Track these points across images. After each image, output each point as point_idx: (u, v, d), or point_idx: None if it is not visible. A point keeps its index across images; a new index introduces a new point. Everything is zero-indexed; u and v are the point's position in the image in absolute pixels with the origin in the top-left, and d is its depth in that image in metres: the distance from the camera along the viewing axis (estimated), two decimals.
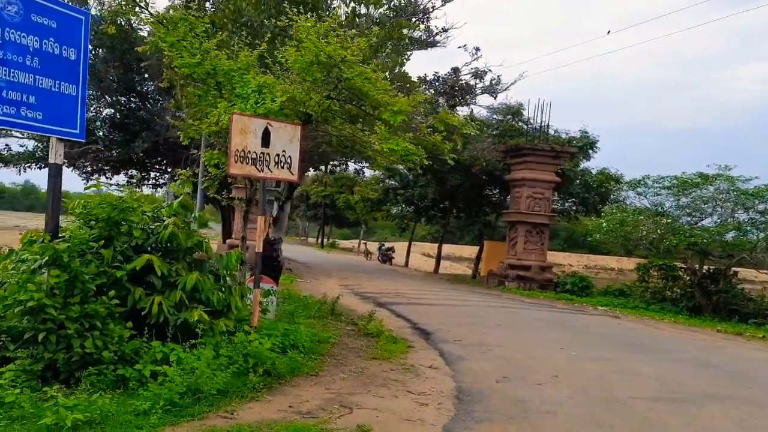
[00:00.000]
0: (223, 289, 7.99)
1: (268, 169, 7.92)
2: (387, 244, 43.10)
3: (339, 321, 12.07)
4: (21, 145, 26.12)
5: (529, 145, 26.16)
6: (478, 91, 29.44)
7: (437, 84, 28.71)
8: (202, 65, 8.61)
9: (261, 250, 8.28)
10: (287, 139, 8.07)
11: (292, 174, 8.16)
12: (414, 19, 27.39)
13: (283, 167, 8.06)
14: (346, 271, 27.98)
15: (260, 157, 7.83)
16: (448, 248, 59.00)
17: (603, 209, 25.50)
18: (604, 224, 21.57)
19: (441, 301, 17.83)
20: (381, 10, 26.58)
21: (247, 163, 7.73)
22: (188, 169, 19.47)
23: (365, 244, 47.18)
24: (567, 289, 24.62)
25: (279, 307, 12.17)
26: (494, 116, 30.89)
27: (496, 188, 32.37)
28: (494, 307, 17.48)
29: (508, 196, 28.84)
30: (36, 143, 26.69)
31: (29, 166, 26.55)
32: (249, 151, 7.71)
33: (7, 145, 26.00)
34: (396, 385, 7.50)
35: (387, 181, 40.53)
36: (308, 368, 7.82)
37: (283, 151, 8.03)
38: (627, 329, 15.02)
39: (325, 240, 58.80)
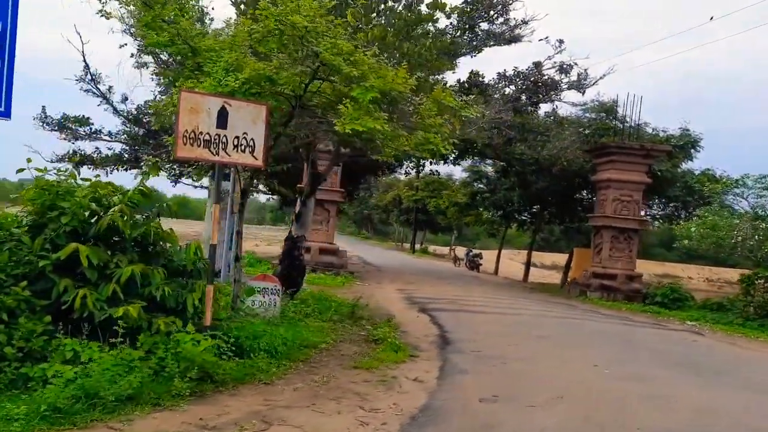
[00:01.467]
0: (187, 285, 7.34)
1: (225, 152, 7.14)
2: (475, 250, 41.54)
3: (356, 325, 11.17)
4: (109, 149, 27.14)
5: (615, 143, 24.00)
6: (564, 87, 27.57)
7: (518, 80, 27.13)
8: (175, 44, 8.02)
9: (214, 242, 7.45)
10: (249, 120, 7.27)
11: (256, 159, 7.36)
12: (492, 12, 26.13)
13: (244, 150, 7.26)
14: (419, 276, 26.94)
15: (215, 139, 7.06)
16: (545, 256, 56.57)
17: (696, 213, 22.91)
18: (693, 229, 19.24)
19: (497, 309, 16.45)
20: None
21: (199, 146, 6.97)
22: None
23: (454, 250, 45.81)
24: (656, 301, 22.27)
25: (295, 307, 11.48)
26: (586, 114, 28.81)
27: (588, 191, 30.22)
28: (555, 317, 15.89)
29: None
30: (123, 146, 27.70)
31: (117, 168, 27.55)
32: (201, 132, 6.96)
33: (97, 148, 27.13)
34: (352, 399, 6.52)
35: (475, 184, 39.21)
36: (265, 375, 6.99)
37: (245, 133, 7.23)
38: (699, 347, 13.05)
39: (419, 245, 57.88)
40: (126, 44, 26.28)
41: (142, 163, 27.66)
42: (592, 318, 16.67)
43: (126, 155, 27.68)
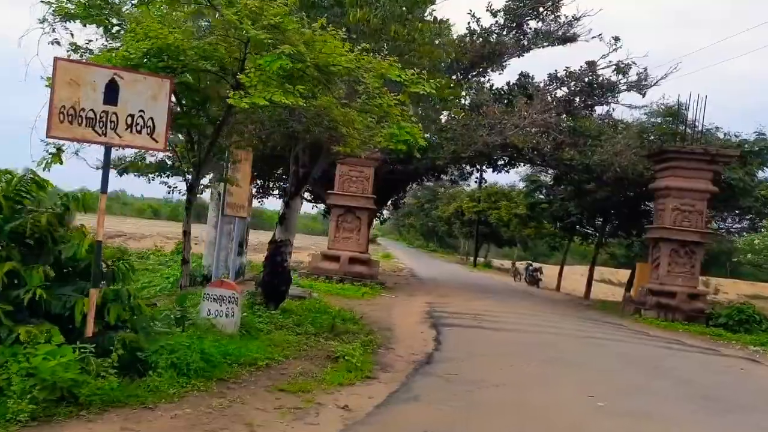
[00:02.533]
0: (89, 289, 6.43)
1: (116, 133, 6.18)
2: (535, 265, 39.45)
3: (332, 339, 10.00)
4: (152, 155, 27.14)
5: (674, 148, 21.81)
6: (622, 88, 25.52)
7: (570, 82, 25.31)
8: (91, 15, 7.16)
9: (100, 238, 6.44)
10: (148, 95, 6.29)
11: (156, 141, 6.37)
12: (542, 9, 24.52)
13: (140, 131, 6.29)
14: (462, 289, 25.43)
15: (102, 118, 6.12)
16: (620, 272, 53.30)
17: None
18: (756, 241, 16.97)
19: (523, 327, 14.87)
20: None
21: (80, 124, 6.03)
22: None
23: (514, 264, 43.76)
24: (720, 323, 19.91)
25: (272, 319, 10.48)
26: (651, 120, 26.58)
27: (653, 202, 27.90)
28: (585, 337, 14.17)
29: None
30: (166, 155, 27.64)
31: (159, 175, 27.53)
32: (83, 109, 6.03)
33: (141, 155, 27.20)
34: (235, 429, 5.38)
35: (536, 194, 37.28)
36: (155, 397, 5.94)
37: (141, 111, 6.25)
38: (744, 378, 11.12)
39: (482, 259, 55.94)
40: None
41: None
42: (630, 339, 14.82)
43: (169, 162, 27.64)
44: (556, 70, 25.26)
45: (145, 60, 6.74)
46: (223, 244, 14.47)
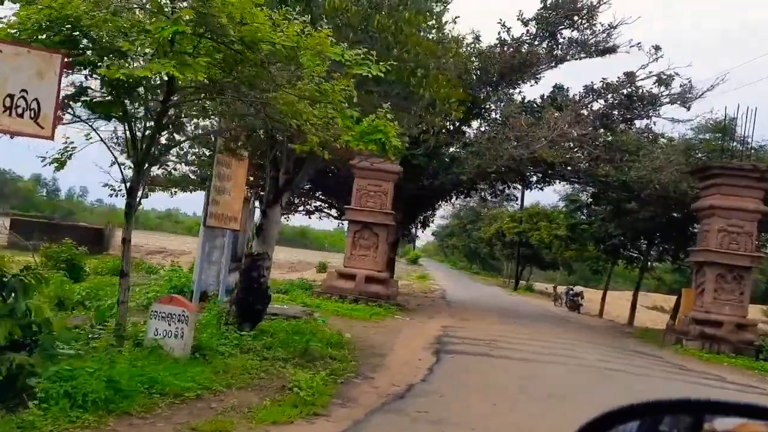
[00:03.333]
0: None
1: None
2: (576, 289, 37.45)
3: (302, 366, 8.89)
4: (174, 170, 26.74)
5: (719, 164, 20.02)
6: (664, 101, 23.82)
7: (608, 94, 23.78)
8: None
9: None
10: (32, 72, 5.38)
11: (41, 127, 5.44)
12: (576, 18, 23.19)
13: (21, 115, 5.37)
14: (490, 313, 23.91)
15: None
16: (668, 299, 50.52)
17: None
18: None
19: (538, 356, 13.43)
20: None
21: None
22: None
23: (554, 288, 41.77)
24: None
25: (241, 341, 9.46)
26: (699, 135, 24.78)
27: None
28: (608, 370, 12.65)
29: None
30: (189, 168, 27.26)
31: (184, 190, 27.13)
32: None
33: (165, 168, 26.84)
34: None
35: (576, 215, 35.55)
36: None
37: (23, 90, 5.35)
38: None
39: (525, 282, 53.90)
40: None
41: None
42: (660, 374, 13.20)
43: (193, 175, 27.23)
44: (592, 82, 23.84)
45: (41, 34, 5.85)
46: (214, 258, 13.59)
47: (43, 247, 20.87)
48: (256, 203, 10.27)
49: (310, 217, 30.52)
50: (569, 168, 22.79)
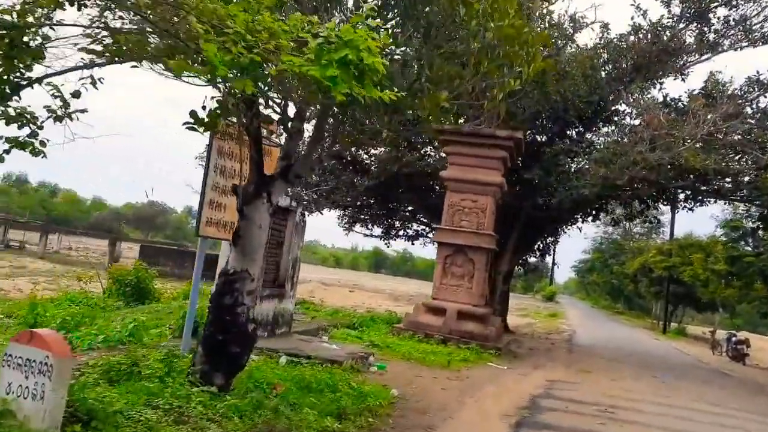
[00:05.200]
0: None
1: None
2: (740, 335, 30.88)
3: None
4: None
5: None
6: None
7: None
8: None
9: None
10: None
11: None
12: None
13: None
14: (621, 363, 19.05)
15: None
16: None
17: None
18: None
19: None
20: None
21: None
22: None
23: (712, 333, 34.95)
24: None
25: (201, 402, 6.29)
26: None
27: None
28: None
29: None
30: None
31: None
32: None
33: None
34: None
35: (739, 245, 29.42)
36: None
37: None
38: None
39: (676, 324, 46.74)
40: None
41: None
42: None
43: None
44: (758, 72, 18.63)
45: None
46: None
47: (109, 270, 19.34)
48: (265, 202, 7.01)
49: (413, 244, 27.29)
50: (727, 180, 17.79)
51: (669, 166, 16.26)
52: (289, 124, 7.17)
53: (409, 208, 25.51)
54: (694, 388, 15.41)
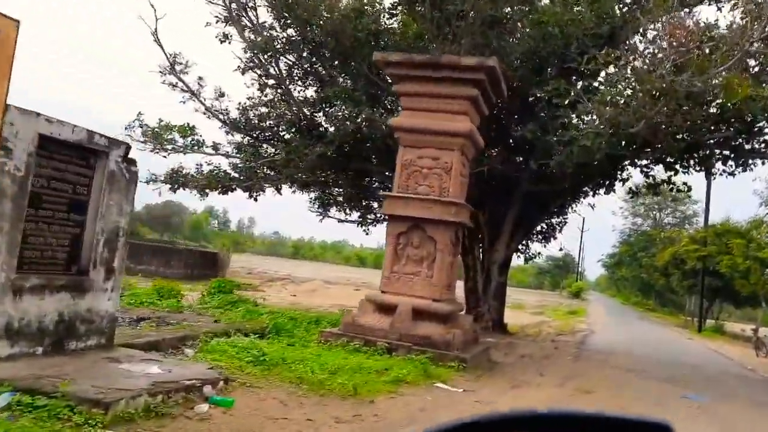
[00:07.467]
0: None
1: None
2: None
3: None
4: (209, 163, 20.63)
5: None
6: None
7: None
8: None
9: None
10: None
11: None
12: None
13: None
14: (642, 373, 14.44)
15: None
16: None
17: None
18: None
19: None
20: None
21: None
22: None
23: (755, 331, 29.91)
24: None
25: None
26: None
27: None
28: None
29: None
30: (231, 161, 21.17)
31: (224, 190, 20.92)
32: None
33: (199, 165, 20.87)
34: None
35: None
36: None
37: None
38: None
39: (713, 321, 41.56)
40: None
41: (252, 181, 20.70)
42: None
43: (235, 172, 20.92)
44: None
45: None
46: None
47: None
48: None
49: (321, 219, 22.83)
50: None
51: (702, 105, 11.66)
52: None
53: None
54: (746, 415, 10.75)
